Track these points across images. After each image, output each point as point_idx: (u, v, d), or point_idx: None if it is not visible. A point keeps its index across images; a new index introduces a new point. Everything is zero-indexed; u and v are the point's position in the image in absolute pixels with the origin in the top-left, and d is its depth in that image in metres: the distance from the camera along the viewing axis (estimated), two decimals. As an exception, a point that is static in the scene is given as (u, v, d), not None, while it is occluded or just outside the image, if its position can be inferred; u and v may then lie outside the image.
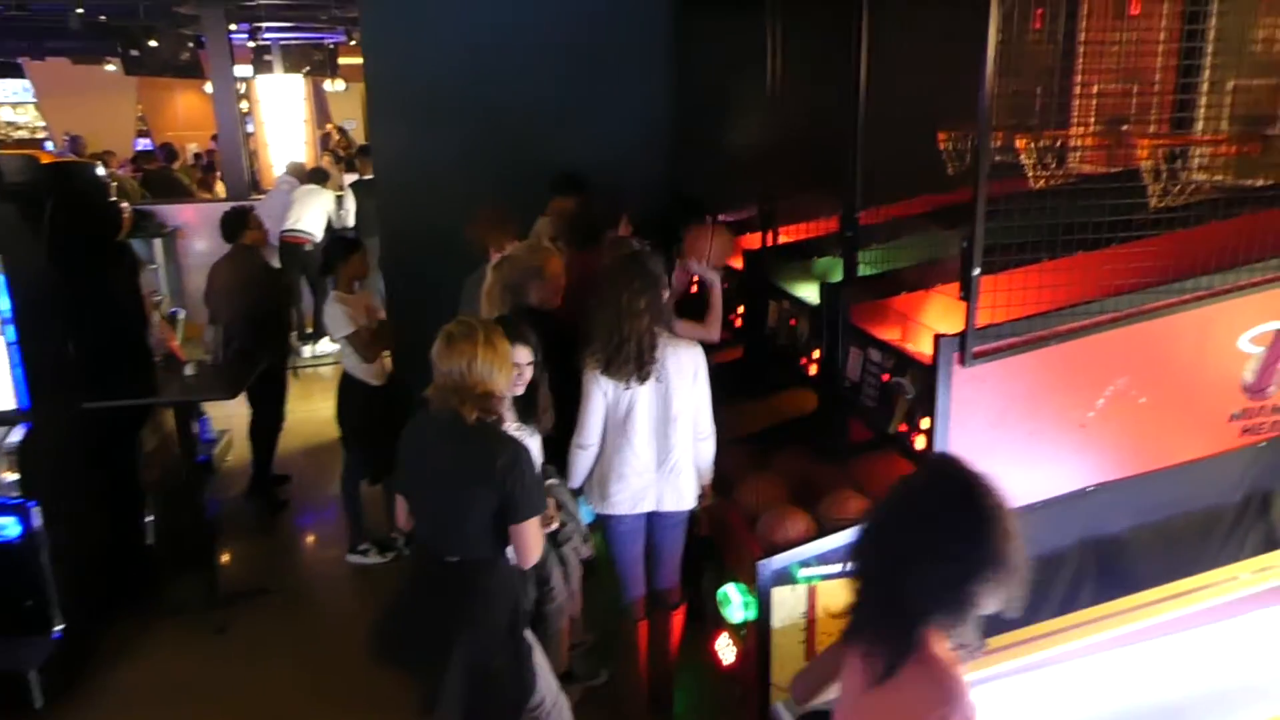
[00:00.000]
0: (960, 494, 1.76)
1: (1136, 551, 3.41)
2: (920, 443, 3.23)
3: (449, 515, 2.87)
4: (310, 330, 9.32)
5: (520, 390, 3.23)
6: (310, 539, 5.86)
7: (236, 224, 5.87)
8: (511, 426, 3.26)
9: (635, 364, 3.41)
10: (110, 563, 4.61)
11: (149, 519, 4.90)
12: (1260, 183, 3.62)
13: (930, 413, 3.17)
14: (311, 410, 7.51)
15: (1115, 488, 3.31)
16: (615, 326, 3.41)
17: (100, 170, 5.22)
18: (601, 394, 3.49)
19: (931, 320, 3.52)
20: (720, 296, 4.17)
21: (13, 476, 3.87)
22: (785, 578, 3.25)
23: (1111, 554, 3.40)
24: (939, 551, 1.72)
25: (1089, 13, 3.73)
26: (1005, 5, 2.91)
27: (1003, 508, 1.76)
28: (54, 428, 4.15)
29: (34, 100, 17.83)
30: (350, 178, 10.40)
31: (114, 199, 4.99)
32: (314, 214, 8.99)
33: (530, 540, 2.86)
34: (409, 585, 3.08)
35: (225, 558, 5.34)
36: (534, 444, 3.41)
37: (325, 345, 9.32)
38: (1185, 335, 3.23)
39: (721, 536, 3.85)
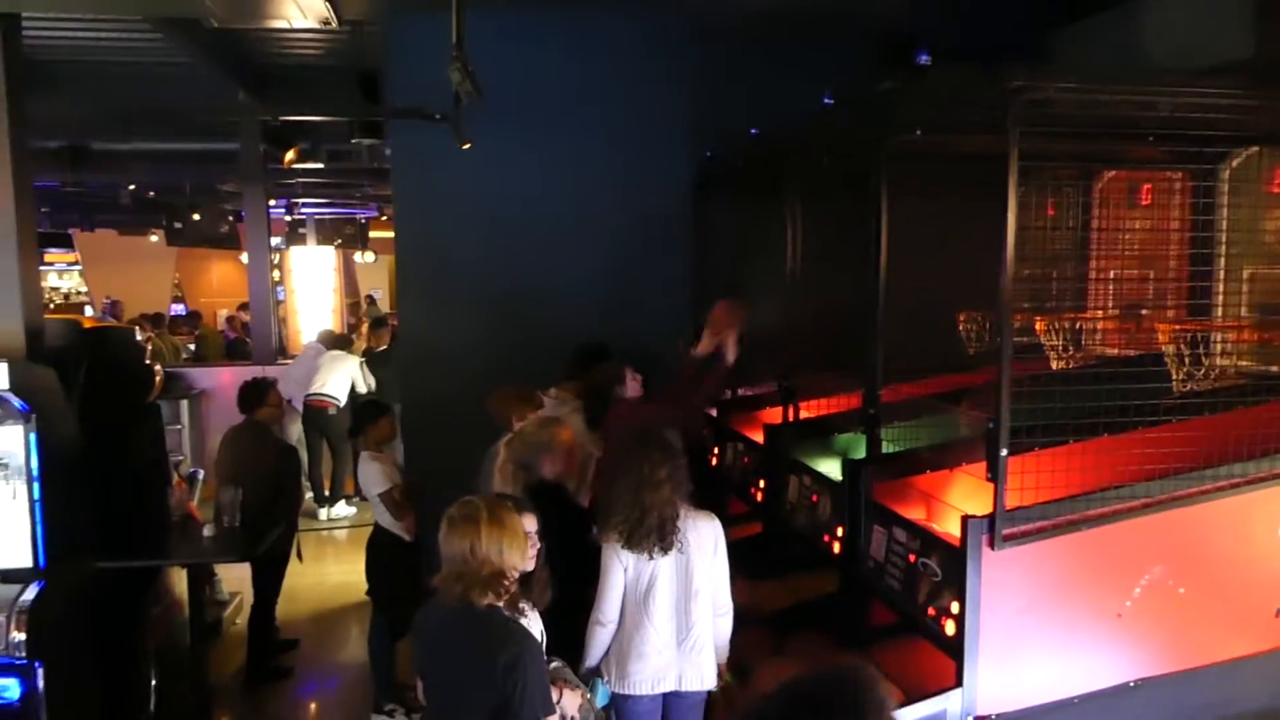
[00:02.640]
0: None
1: (1186, 754, 3.22)
2: (950, 628, 3.12)
3: (453, 705, 2.74)
4: (328, 494, 9.28)
5: (533, 565, 3.15)
6: (315, 707, 5.63)
7: (254, 397, 5.82)
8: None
9: (657, 535, 3.36)
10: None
11: (153, 684, 4.73)
12: (1284, 370, 3.64)
13: (960, 597, 3.07)
14: (323, 575, 7.39)
15: (1158, 684, 3.16)
16: (636, 498, 3.38)
17: (138, 334, 5.35)
18: (622, 568, 3.42)
19: (957, 500, 3.47)
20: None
21: (20, 636, 3.79)
22: (810, 769, 3.07)
23: (1158, 756, 3.21)
24: None
25: (1101, 201, 3.87)
26: (1022, 194, 3.03)
27: None
28: (66, 588, 4.08)
29: (79, 268, 18.60)
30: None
31: (149, 362, 5.08)
32: (339, 379, 9.14)
33: None
34: None
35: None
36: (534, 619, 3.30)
37: (341, 509, 9.27)
38: (1223, 524, 3.17)
39: (741, 723, 3.68)
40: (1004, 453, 2.97)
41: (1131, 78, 3.08)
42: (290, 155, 8.17)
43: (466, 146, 5.48)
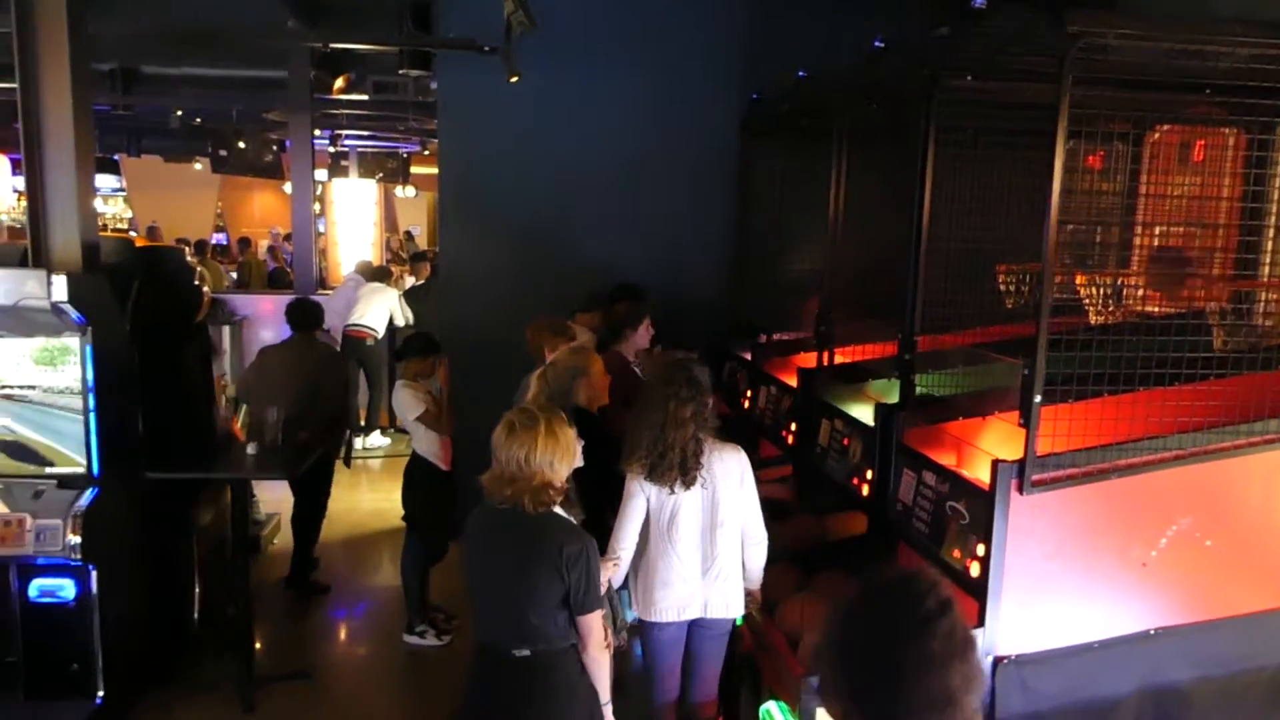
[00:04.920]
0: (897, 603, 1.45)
1: (1201, 706, 3.27)
2: (975, 570, 3.18)
3: (515, 606, 2.79)
4: (363, 423, 9.47)
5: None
6: (347, 627, 5.84)
7: (312, 318, 5.98)
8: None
9: (679, 470, 3.41)
10: (154, 633, 4.63)
11: (196, 592, 4.94)
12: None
13: (985, 540, 3.13)
14: (357, 501, 7.59)
15: (1179, 634, 3.21)
16: (660, 433, 3.43)
17: (188, 255, 5.48)
18: (643, 499, 3.47)
19: (988, 447, 3.51)
20: None
21: (76, 539, 3.96)
22: (831, 698, 3.16)
23: (1173, 706, 3.27)
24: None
25: (1152, 155, 3.83)
26: (1070, 146, 3.01)
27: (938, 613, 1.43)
28: (119, 495, 4.25)
29: (124, 193, 18.84)
30: (411, 280, 10.78)
31: (197, 283, 5.22)
32: (377, 311, 9.28)
33: (596, 632, 2.83)
34: (475, 686, 2.94)
35: (265, 639, 5.33)
36: None
37: (376, 439, 9.47)
38: (1254, 479, 3.18)
39: (763, 655, 3.78)
40: (1037, 399, 2.99)
41: (1194, 27, 3.02)
42: (339, 83, 8.22)
43: (515, 80, 5.49)
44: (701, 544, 3.48)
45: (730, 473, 3.50)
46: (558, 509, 3.15)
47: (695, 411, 3.44)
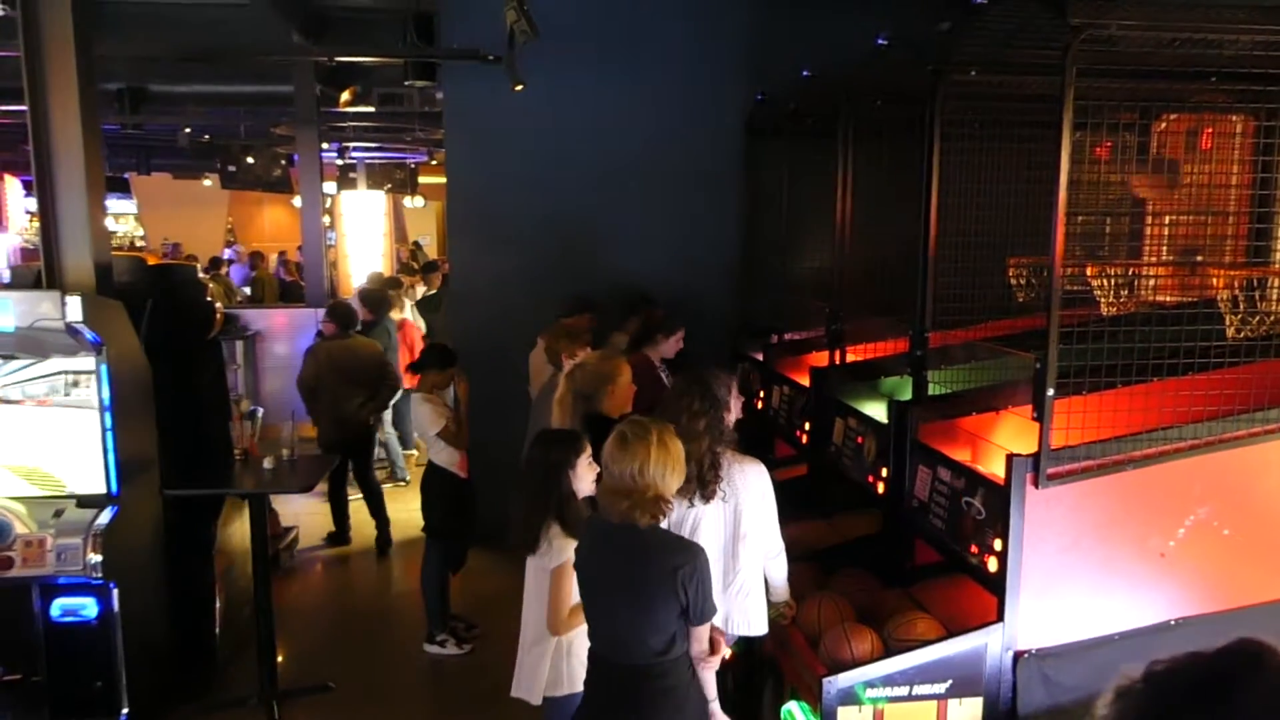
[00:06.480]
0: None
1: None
2: (992, 565, 3.18)
3: (632, 622, 2.77)
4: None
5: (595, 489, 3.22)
6: (369, 638, 5.84)
7: (353, 316, 6.92)
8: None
9: (698, 482, 3.34)
10: (177, 649, 4.66)
11: (218, 607, 4.96)
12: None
13: (1003, 534, 3.12)
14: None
15: (1199, 624, 3.19)
16: None
17: (200, 272, 5.52)
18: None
19: (1003, 441, 3.51)
20: None
21: (97, 558, 3.98)
22: (851, 697, 3.17)
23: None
24: None
25: (1159, 145, 3.82)
26: (1077, 137, 3.00)
27: None
28: (138, 513, 4.27)
29: (134, 212, 18.96)
30: (423, 290, 10.82)
31: (210, 299, 5.25)
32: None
33: (705, 641, 2.84)
34: (591, 694, 2.94)
35: (287, 652, 5.34)
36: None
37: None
38: (1271, 466, 3.17)
39: (784, 655, 3.77)
40: (1050, 392, 2.99)
41: (1197, 14, 3.01)
42: (346, 96, 8.29)
43: (519, 89, 5.51)
44: (723, 558, 3.42)
45: (751, 486, 3.45)
46: (560, 535, 3.17)
47: (710, 424, 3.38)
